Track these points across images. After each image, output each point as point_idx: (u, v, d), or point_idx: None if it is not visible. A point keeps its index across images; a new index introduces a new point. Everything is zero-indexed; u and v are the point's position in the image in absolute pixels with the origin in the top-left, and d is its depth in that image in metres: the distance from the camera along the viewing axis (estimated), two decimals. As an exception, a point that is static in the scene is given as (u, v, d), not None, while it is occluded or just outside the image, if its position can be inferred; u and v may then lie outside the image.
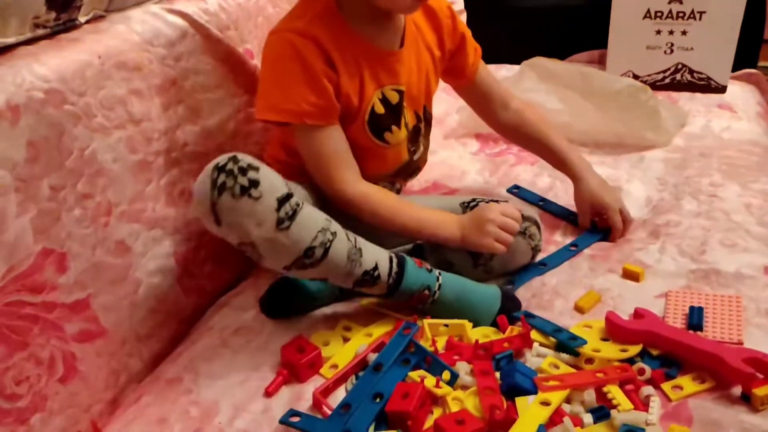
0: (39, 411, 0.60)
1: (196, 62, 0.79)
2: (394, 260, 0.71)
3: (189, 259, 0.79)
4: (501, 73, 1.42)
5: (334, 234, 0.67)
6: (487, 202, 0.81)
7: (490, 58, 1.53)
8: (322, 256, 0.66)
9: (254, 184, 0.62)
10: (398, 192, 0.88)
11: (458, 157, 1.13)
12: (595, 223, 0.89)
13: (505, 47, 1.50)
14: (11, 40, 0.63)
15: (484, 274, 0.79)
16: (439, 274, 0.74)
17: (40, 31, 0.66)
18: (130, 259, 0.71)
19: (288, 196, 0.64)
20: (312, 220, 0.65)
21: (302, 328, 0.75)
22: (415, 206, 0.79)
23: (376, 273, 0.70)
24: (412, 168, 0.87)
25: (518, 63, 1.24)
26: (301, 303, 0.77)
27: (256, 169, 0.63)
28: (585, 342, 0.66)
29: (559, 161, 0.91)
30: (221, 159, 0.63)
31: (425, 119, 0.86)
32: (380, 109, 0.77)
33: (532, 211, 0.82)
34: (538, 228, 0.81)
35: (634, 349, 0.65)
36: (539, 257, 0.83)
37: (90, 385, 0.66)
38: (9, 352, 0.58)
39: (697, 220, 0.88)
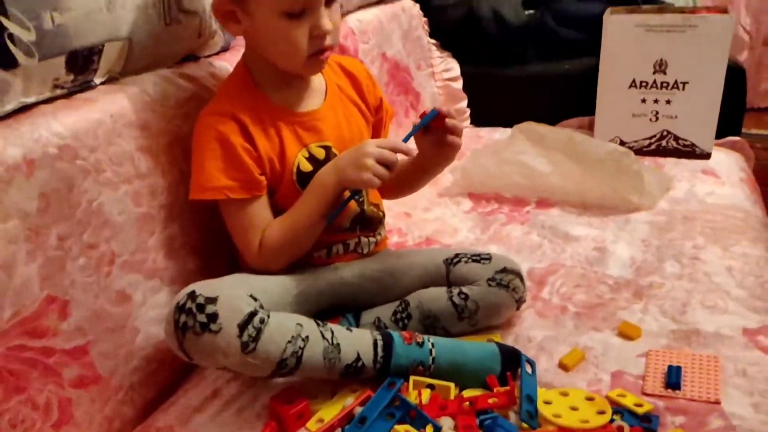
0: (31, 455, 0.62)
1: (201, 122, 0.84)
2: (380, 343, 0.73)
3: (186, 309, 0.82)
4: (495, 135, 1.49)
5: (305, 339, 0.69)
6: (470, 259, 0.84)
7: (484, 121, 1.62)
8: (297, 364, 0.69)
9: (212, 318, 0.65)
10: (376, 244, 0.88)
11: (451, 215, 1.17)
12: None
13: (499, 112, 1.58)
14: (32, 99, 0.68)
15: (469, 326, 0.81)
16: (432, 345, 0.74)
17: (59, 91, 0.71)
18: (129, 309, 0.73)
19: (251, 316, 0.66)
20: (279, 332, 0.68)
21: (292, 380, 0.76)
22: (294, 209, 0.79)
23: (359, 363, 0.72)
24: (369, 218, 0.87)
25: (511, 126, 1.30)
26: None
27: (214, 300, 0.66)
28: (536, 425, 0.66)
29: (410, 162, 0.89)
30: (180, 297, 0.67)
31: None
32: (307, 166, 0.80)
33: (516, 264, 0.85)
34: (521, 280, 0.83)
35: (604, 418, 0.66)
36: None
37: (83, 430, 0.68)
38: (7, 396, 0.60)
39: (680, 282, 0.91)
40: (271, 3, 0.73)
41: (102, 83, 0.76)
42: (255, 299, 0.69)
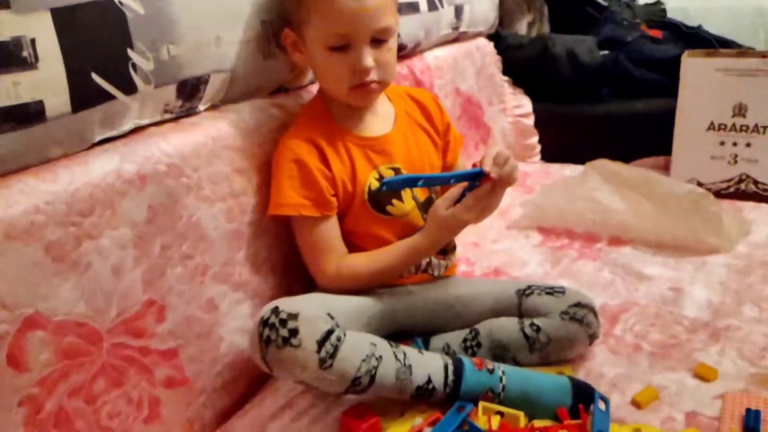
0: (124, 447, 0.67)
1: (290, 147, 0.90)
2: (450, 367, 0.74)
3: (265, 322, 0.86)
4: (565, 172, 1.49)
5: (379, 359, 0.71)
6: (543, 291, 0.85)
7: (554, 157, 1.62)
8: (370, 383, 0.71)
9: (294, 333, 0.68)
10: (446, 268, 0.91)
11: (520, 248, 1.18)
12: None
13: (570, 149, 1.58)
14: (145, 121, 0.75)
15: (539, 359, 0.82)
16: (503, 374, 0.75)
17: (167, 116, 0.78)
18: (216, 317, 0.78)
19: (328, 334, 0.69)
20: (355, 351, 0.70)
21: (363, 397, 0.79)
22: (383, 253, 0.84)
23: (430, 386, 0.73)
24: None
25: (582, 164, 1.30)
26: None
27: (296, 316, 0.69)
28: None
29: None
30: (265, 312, 0.71)
31: (437, 192, 0.92)
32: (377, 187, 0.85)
33: (590, 299, 0.85)
34: (596, 315, 0.84)
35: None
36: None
37: (167, 429, 0.72)
38: (108, 389, 0.66)
39: (759, 326, 0.89)
40: (318, 36, 0.80)
41: (205, 110, 0.84)
42: (332, 317, 0.72)
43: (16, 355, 0.57)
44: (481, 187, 0.78)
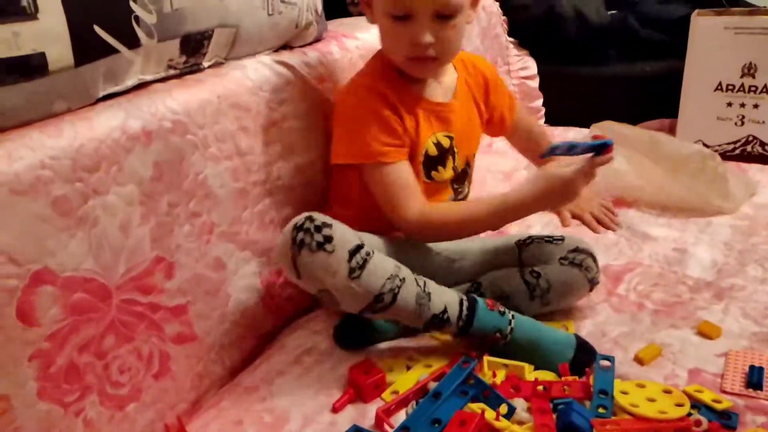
0: (135, 401, 0.68)
1: (295, 107, 0.89)
2: (465, 303, 0.76)
3: (271, 281, 0.87)
4: (569, 135, 1.48)
5: (402, 280, 0.73)
6: (543, 240, 0.86)
7: (558, 121, 1.61)
8: (392, 301, 0.72)
9: (328, 239, 0.70)
10: None
11: (525, 210, 1.17)
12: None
13: (575, 112, 1.56)
14: (149, 77, 0.74)
15: (541, 306, 0.83)
16: (513, 317, 0.77)
17: (171, 72, 0.77)
18: (224, 275, 0.79)
19: (358, 248, 0.71)
20: (381, 268, 0.72)
21: (369, 355, 0.80)
22: (483, 202, 0.84)
23: (445, 316, 0.75)
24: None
25: (587, 127, 1.29)
26: (369, 336, 0.82)
27: (330, 225, 0.71)
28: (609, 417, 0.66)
29: None
30: (299, 219, 0.72)
31: (471, 165, 0.95)
32: (434, 151, 0.87)
33: (589, 245, 0.86)
34: (594, 260, 0.84)
35: (682, 411, 0.65)
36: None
37: (178, 384, 0.73)
38: (118, 344, 0.66)
39: (763, 286, 0.89)
40: (380, 2, 0.80)
41: (209, 66, 0.82)
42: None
43: (26, 309, 0.58)
44: (602, 157, 0.78)
